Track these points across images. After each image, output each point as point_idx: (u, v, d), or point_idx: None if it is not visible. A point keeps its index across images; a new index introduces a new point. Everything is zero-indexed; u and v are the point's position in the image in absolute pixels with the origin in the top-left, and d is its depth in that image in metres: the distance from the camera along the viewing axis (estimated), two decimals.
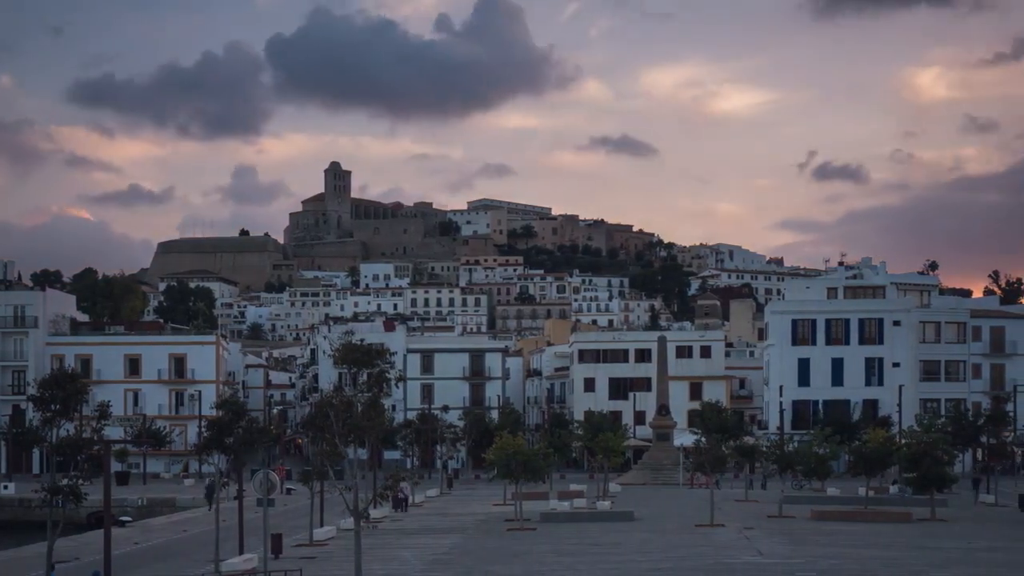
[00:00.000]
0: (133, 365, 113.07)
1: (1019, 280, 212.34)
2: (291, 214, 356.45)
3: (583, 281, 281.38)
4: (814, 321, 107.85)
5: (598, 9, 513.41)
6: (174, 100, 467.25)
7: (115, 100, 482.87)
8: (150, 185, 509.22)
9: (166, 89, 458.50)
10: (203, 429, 64.81)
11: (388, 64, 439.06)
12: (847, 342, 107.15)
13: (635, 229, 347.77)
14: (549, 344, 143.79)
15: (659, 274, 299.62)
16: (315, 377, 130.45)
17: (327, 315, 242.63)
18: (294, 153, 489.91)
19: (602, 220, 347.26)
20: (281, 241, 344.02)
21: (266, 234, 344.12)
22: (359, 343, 38.94)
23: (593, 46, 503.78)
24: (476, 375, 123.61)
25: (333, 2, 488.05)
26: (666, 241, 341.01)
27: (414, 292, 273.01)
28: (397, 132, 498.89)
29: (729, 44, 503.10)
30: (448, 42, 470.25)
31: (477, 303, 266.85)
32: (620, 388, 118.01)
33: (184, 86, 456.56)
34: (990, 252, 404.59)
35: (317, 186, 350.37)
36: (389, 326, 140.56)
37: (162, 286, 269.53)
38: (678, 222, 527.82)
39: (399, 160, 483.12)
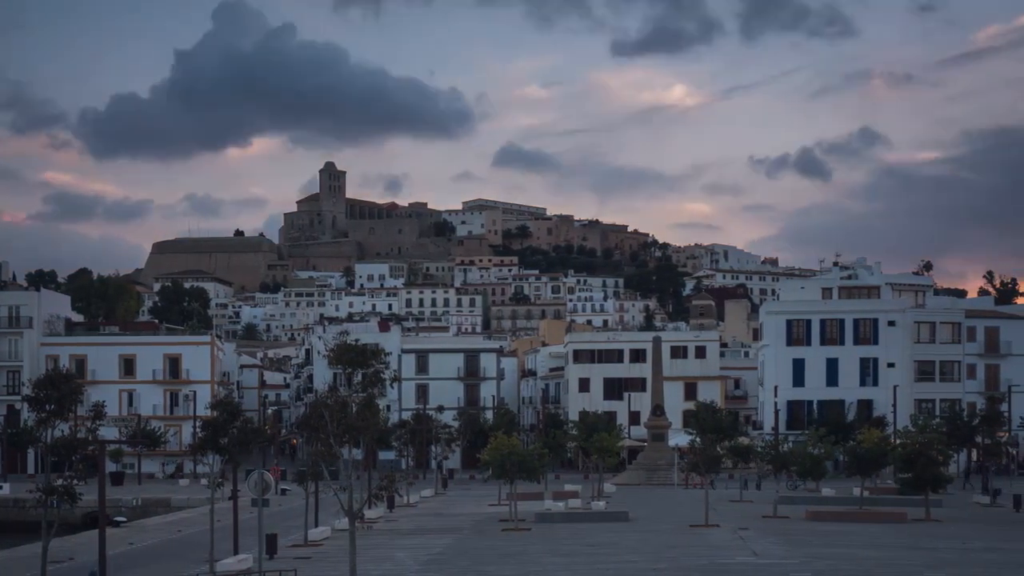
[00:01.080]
0: (128, 365, 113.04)
1: (1014, 280, 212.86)
2: (286, 214, 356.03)
3: (578, 281, 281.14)
4: (809, 321, 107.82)
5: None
6: (121, 127, 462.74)
7: (57, 127, 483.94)
8: (119, 197, 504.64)
9: (112, 118, 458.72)
10: (198, 429, 64.56)
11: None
12: (842, 342, 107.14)
13: (630, 229, 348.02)
14: (544, 344, 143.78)
15: (654, 274, 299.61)
16: (310, 377, 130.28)
17: (322, 315, 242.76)
18: (261, 161, 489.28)
19: (597, 220, 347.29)
20: (276, 241, 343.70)
21: (261, 234, 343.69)
22: (354, 343, 38.77)
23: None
24: (471, 375, 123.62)
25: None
26: (661, 241, 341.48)
27: (409, 292, 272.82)
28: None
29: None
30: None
31: (472, 303, 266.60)
32: (615, 388, 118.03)
33: (132, 114, 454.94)
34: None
35: (293, 192, 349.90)
36: (384, 326, 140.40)
37: (157, 286, 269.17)
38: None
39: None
